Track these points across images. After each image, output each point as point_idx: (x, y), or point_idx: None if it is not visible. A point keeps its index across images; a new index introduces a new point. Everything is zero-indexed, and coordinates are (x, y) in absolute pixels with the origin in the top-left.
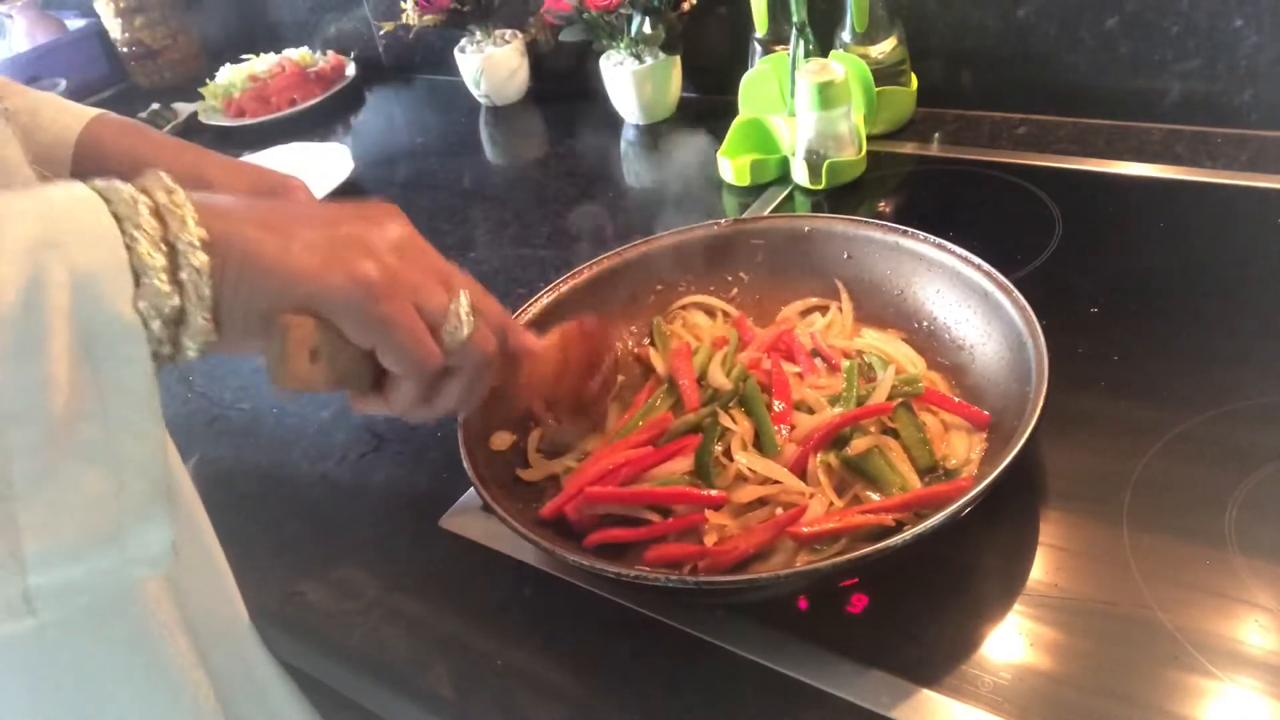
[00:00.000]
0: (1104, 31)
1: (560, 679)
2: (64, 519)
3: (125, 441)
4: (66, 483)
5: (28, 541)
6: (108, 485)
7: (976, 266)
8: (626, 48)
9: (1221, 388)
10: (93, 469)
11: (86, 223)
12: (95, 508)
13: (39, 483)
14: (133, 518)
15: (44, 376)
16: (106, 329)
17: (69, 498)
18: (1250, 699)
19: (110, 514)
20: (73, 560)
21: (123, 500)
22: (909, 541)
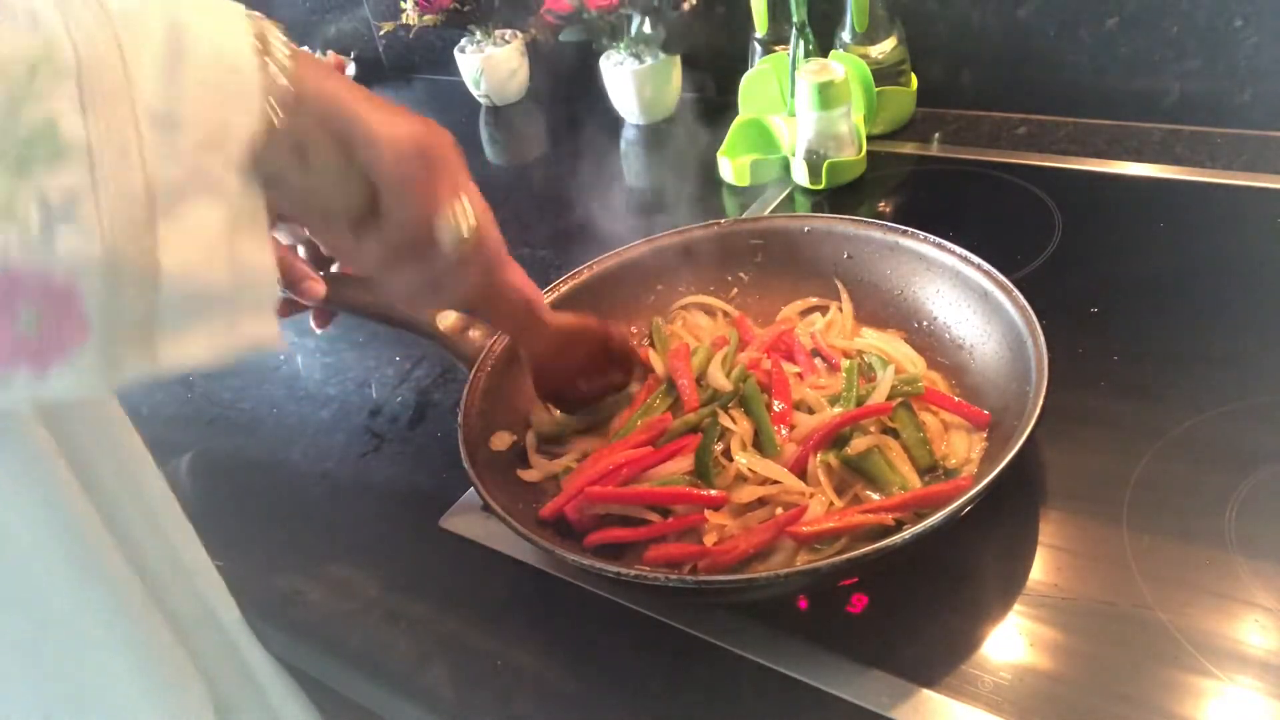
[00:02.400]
0: (1104, 31)
1: (560, 679)
2: (191, 241)
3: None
4: (194, 207)
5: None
6: (222, 221)
7: (976, 266)
8: (626, 48)
9: (1221, 388)
10: (210, 201)
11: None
12: (212, 237)
13: (173, 201)
14: (242, 248)
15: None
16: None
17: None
18: (1250, 699)
19: (223, 248)
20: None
21: (234, 233)
22: (909, 541)
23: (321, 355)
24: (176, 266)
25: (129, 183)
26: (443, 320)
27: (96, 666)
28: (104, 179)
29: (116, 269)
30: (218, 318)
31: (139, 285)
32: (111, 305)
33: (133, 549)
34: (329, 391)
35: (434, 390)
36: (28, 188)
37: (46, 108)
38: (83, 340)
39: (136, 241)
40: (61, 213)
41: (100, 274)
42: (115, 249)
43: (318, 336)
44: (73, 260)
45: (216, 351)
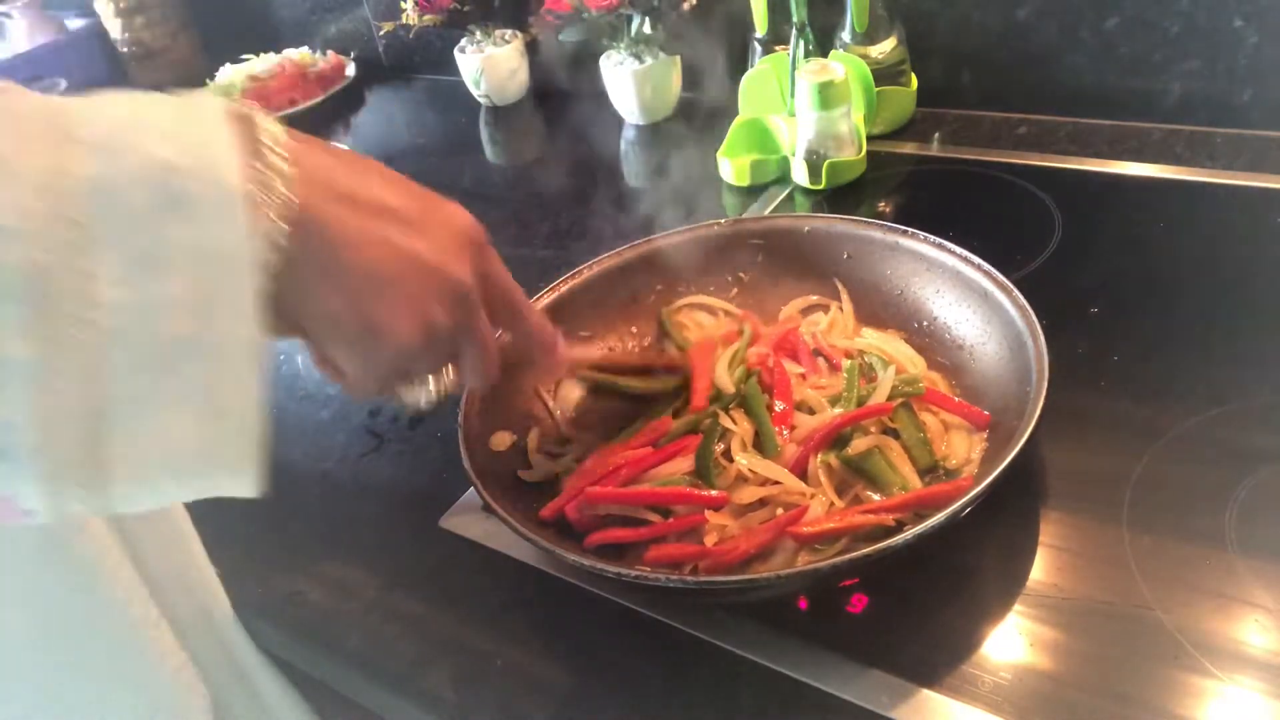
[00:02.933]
0: (1104, 31)
1: (561, 679)
2: (150, 457)
3: (220, 393)
4: (158, 421)
5: (116, 470)
6: (195, 433)
7: (976, 266)
8: (626, 48)
9: (1221, 388)
10: (184, 412)
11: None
12: (181, 452)
13: (133, 415)
14: (219, 469)
15: (162, 297)
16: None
17: (158, 437)
18: (1250, 699)
19: (195, 462)
20: (152, 495)
21: (210, 453)
22: (909, 541)
23: None
24: (131, 476)
25: (77, 406)
26: None
27: (94, 668)
28: (45, 406)
29: (58, 490)
30: (186, 488)
31: (86, 497)
32: (55, 509)
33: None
34: (329, 391)
35: None
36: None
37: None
38: (27, 519)
39: (83, 463)
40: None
41: (40, 494)
42: (56, 474)
43: None
44: (8, 485)
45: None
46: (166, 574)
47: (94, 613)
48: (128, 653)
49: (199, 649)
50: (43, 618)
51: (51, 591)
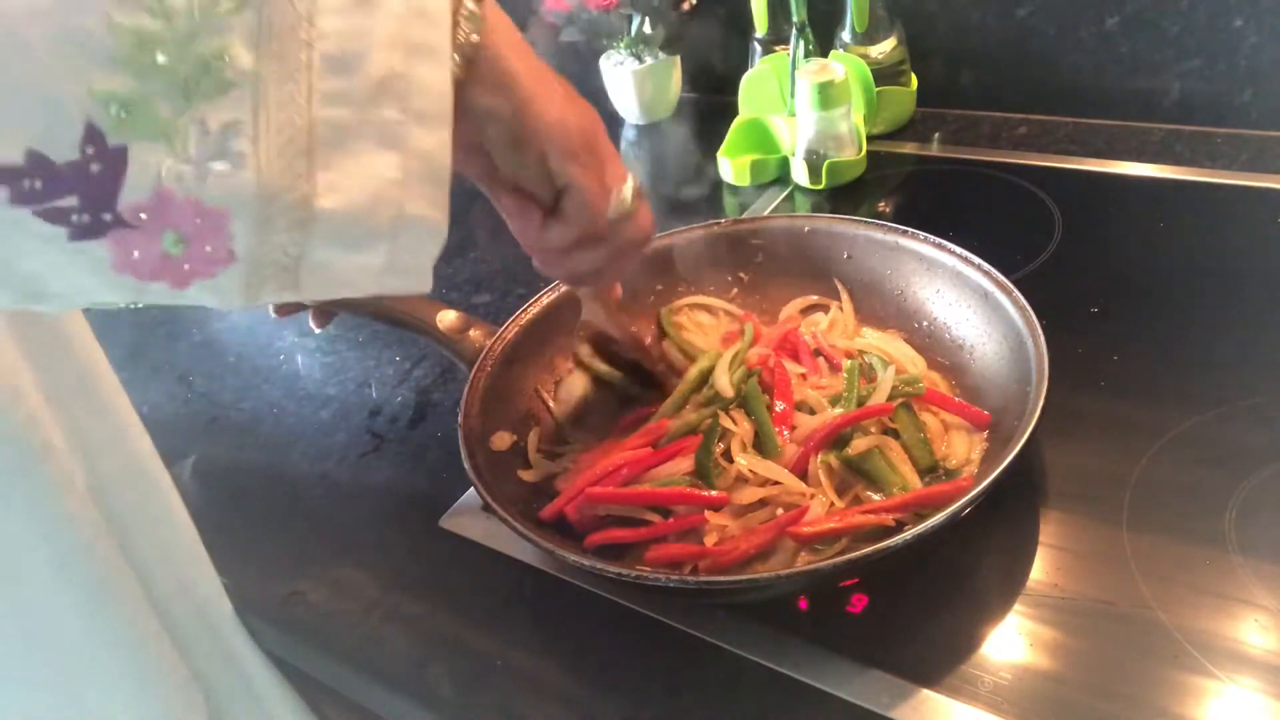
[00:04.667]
0: (1104, 31)
1: (560, 679)
2: (353, 187)
3: (416, 138)
4: (361, 154)
5: (321, 196)
6: (394, 172)
7: (976, 266)
8: (626, 48)
9: (1221, 388)
10: (385, 151)
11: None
12: (380, 188)
13: (340, 142)
14: (411, 213)
15: (373, 33)
16: (425, 15)
17: (360, 169)
18: (1250, 699)
19: (392, 201)
20: (350, 238)
21: (405, 192)
22: (909, 541)
23: (321, 355)
24: (334, 211)
25: (292, 123)
26: (442, 320)
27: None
28: (266, 117)
29: (269, 206)
30: (370, 264)
31: (291, 225)
32: (260, 239)
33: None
34: (329, 391)
35: (434, 390)
36: (189, 115)
37: (222, 39)
38: (226, 266)
39: (293, 183)
40: (218, 145)
41: (251, 209)
42: (269, 187)
43: (318, 336)
44: (224, 191)
45: (359, 293)
46: (171, 584)
47: (97, 629)
48: (129, 668)
49: (200, 655)
50: (45, 634)
51: (55, 610)
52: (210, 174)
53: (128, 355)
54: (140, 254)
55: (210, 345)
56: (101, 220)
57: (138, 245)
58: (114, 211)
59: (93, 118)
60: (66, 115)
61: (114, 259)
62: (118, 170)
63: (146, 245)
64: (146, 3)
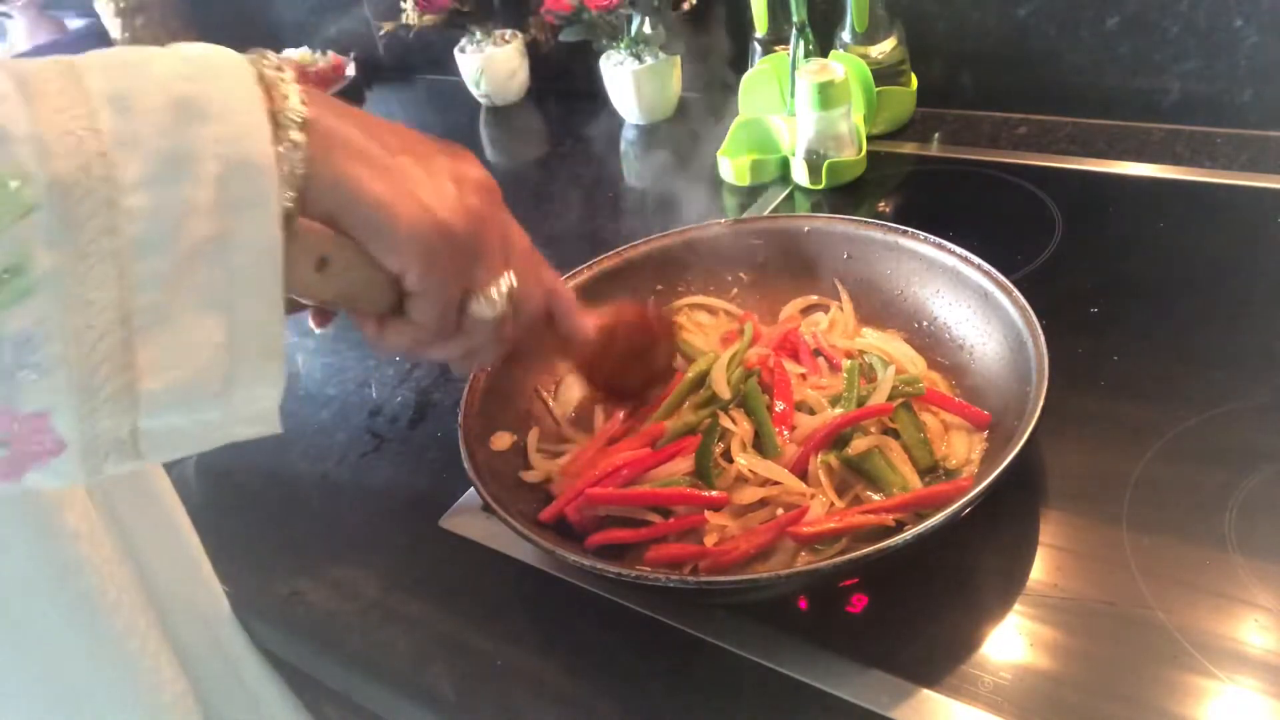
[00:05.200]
0: (1104, 31)
1: (560, 679)
2: (177, 361)
3: (244, 296)
4: (184, 325)
5: (143, 379)
6: (221, 336)
7: (976, 266)
8: (626, 48)
9: (1221, 388)
10: (209, 316)
11: (228, 68)
12: (208, 356)
13: (159, 321)
14: (243, 373)
15: (186, 202)
16: (245, 167)
17: (184, 341)
18: (1250, 699)
19: (221, 366)
20: (181, 407)
21: (234, 354)
22: (909, 541)
23: (321, 355)
24: (158, 390)
25: (104, 317)
26: None
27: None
28: (74, 316)
29: (88, 401)
30: (209, 421)
31: (116, 411)
32: (86, 428)
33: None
34: (329, 391)
35: (434, 390)
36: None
37: (15, 246)
38: (57, 454)
39: (111, 374)
40: (25, 353)
41: (70, 406)
42: (86, 386)
43: (317, 336)
44: (37, 397)
45: (208, 447)
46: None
47: (92, 646)
48: (123, 682)
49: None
50: (40, 650)
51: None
52: (20, 385)
53: None
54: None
55: None
56: None
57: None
58: None
59: None
60: None
61: None
62: None
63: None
64: None
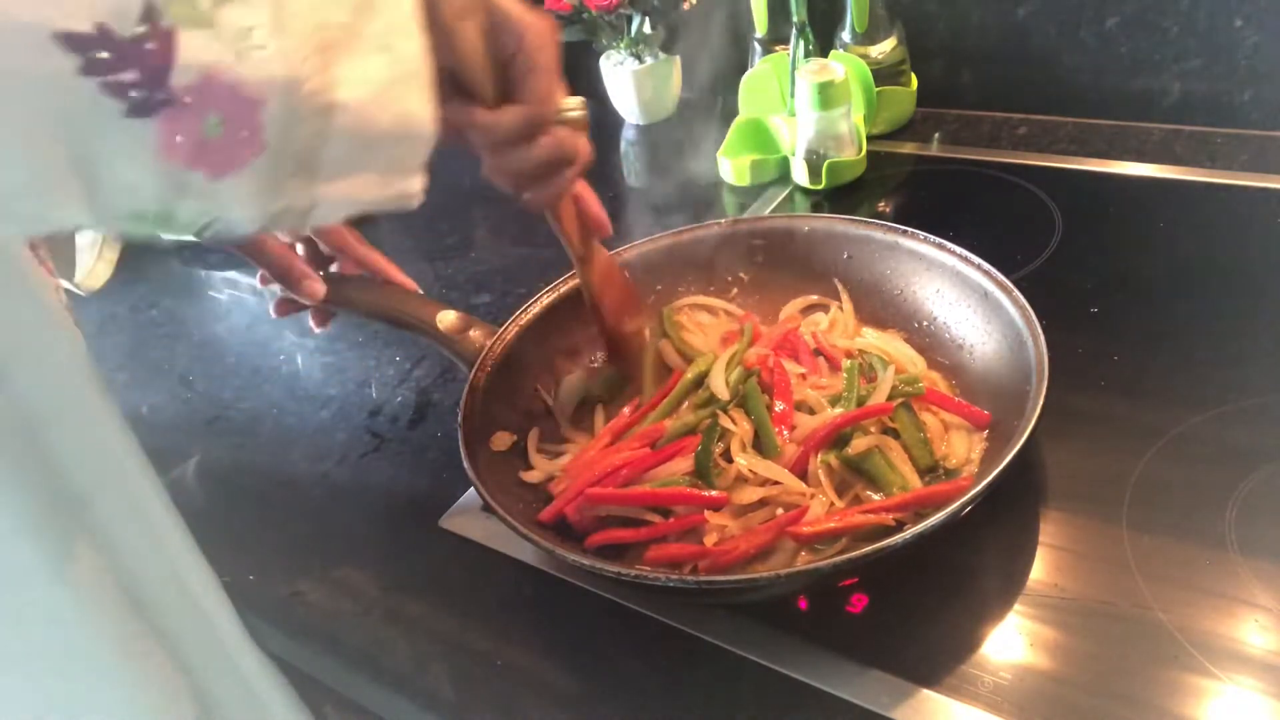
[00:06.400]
0: (1104, 31)
1: (560, 679)
2: (360, 81)
3: (399, 39)
4: (360, 55)
5: (337, 87)
6: (387, 71)
7: (976, 266)
8: (626, 48)
9: (1221, 388)
10: (378, 56)
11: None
12: (380, 84)
13: (346, 42)
14: (408, 102)
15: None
16: None
17: (363, 68)
18: (1250, 699)
19: (391, 94)
20: (360, 139)
21: (399, 86)
22: (909, 541)
23: (321, 355)
24: (348, 103)
25: (306, 23)
26: (443, 320)
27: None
28: (286, 15)
29: (294, 94)
30: (375, 165)
31: (313, 113)
32: (288, 125)
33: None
34: (329, 391)
35: (434, 390)
36: (225, 9)
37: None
38: (257, 154)
39: (312, 73)
40: (253, 34)
41: (282, 94)
42: (294, 75)
43: (317, 336)
44: (259, 76)
45: (366, 198)
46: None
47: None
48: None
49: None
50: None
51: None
52: (248, 60)
53: (128, 355)
54: (184, 137)
55: (210, 345)
56: (155, 98)
57: (183, 127)
58: (166, 89)
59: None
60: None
61: (161, 140)
62: (170, 50)
63: (191, 126)
64: None
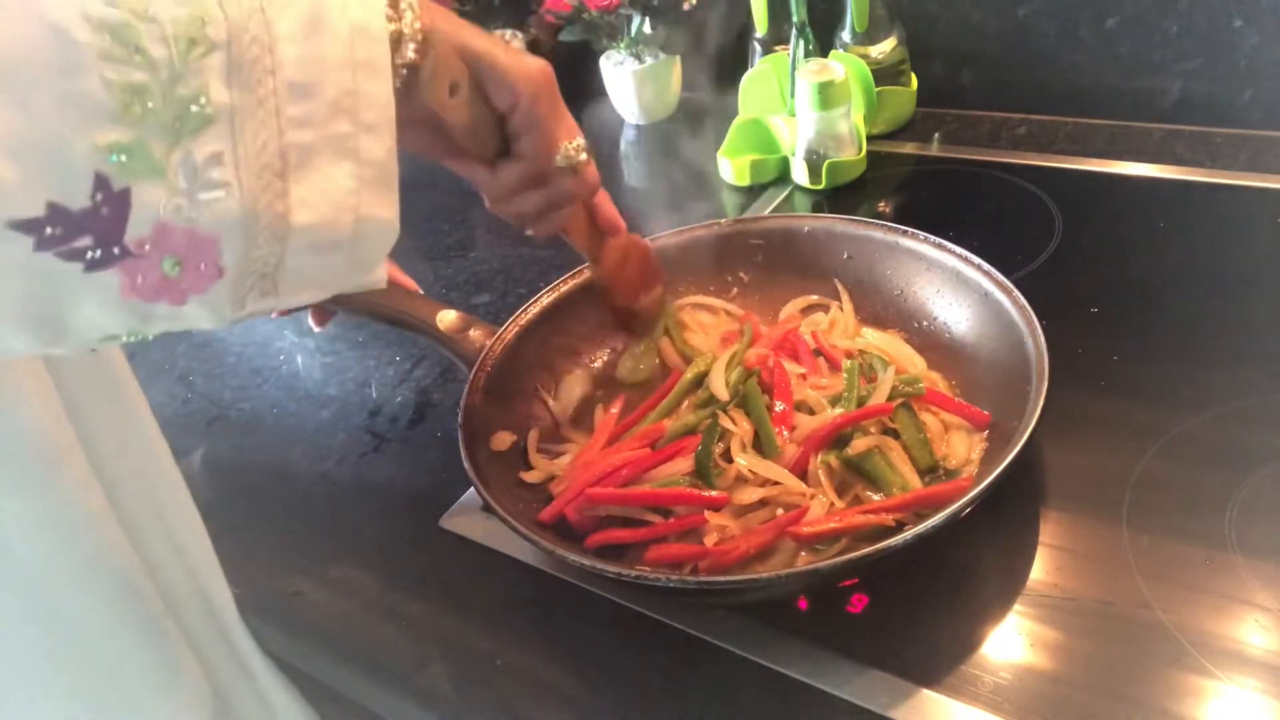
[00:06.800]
0: (1104, 31)
1: (560, 679)
2: (320, 199)
3: (366, 142)
4: (323, 170)
5: (294, 212)
6: (351, 181)
7: (976, 266)
8: (626, 48)
9: (1221, 388)
10: (342, 163)
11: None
12: (342, 195)
13: (306, 162)
14: (368, 208)
15: (325, 58)
16: (367, 32)
17: (324, 183)
18: (1250, 699)
19: (351, 203)
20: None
21: (361, 194)
22: (909, 541)
23: (321, 355)
24: (305, 225)
25: (266, 148)
26: (443, 320)
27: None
28: (244, 145)
29: (252, 226)
30: (337, 265)
31: (270, 238)
32: (244, 253)
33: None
34: (329, 391)
35: (434, 390)
36: (179, 151)
37: (200, 80)
38: (216, 280)
39: (270, 201)
40: (206, 176)
41: (237, 230)
42: (251, 210)
43: (317, 336)
44: (214, 217)
45: (327, 293)
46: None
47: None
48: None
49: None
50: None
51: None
52: (201, 204)
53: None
54: (144, 279)
55: (210, 345)
56: (111, 253)
57: (142, 271)
58: (121, 245)
59: (99, 167)
60: (78, 169)
61: (122, 284)
62: (124, 210)
63: (149, 270)
64: (133, 59)
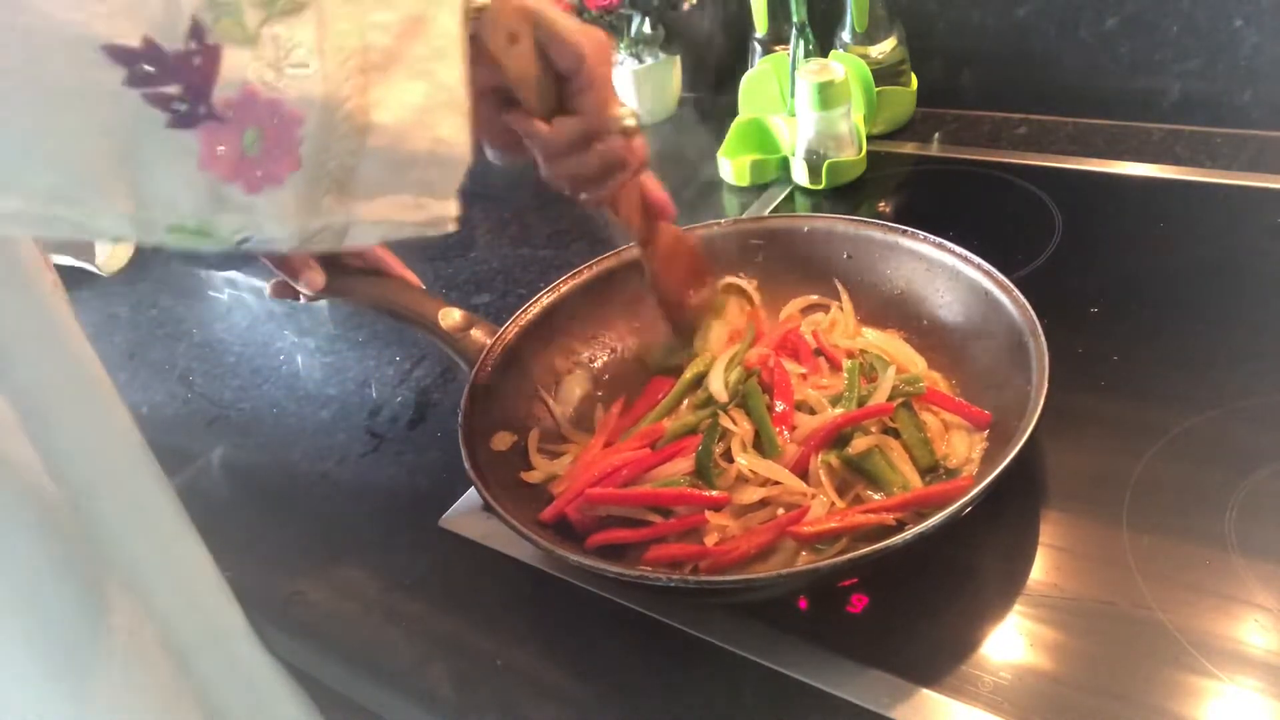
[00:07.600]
0: (1104, 31)
1: (560, 679)
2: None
3: (439, 66)
4: (400, 83)
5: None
6: (424, 99)
7: (977, 266)
8: (626, 48)
9: (1221, 388)
10: (417, 82)
11: None
12: (417, 110)
13: (385, 66)
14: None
15: None
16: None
17: (401, 94)
18: (1250, 699)
19: (428, 120)
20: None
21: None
22: (909, 541)
23: (321, 355)
24: (385, 125)
25: (348, 44)
26: (445, 318)
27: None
28: (329, 38)
29: (333, 112)
30: (409, 187)
31: (350, 132)
32: (324, 143)
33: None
34: (329, 391)
35: (434, 390)
36: (269, 27)
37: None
38: (292, 170)
39: (353, 94)
40: (294, 53)
41: (320, 112)
42: (334, 94)
43: (318, 336)
44: (299, 93)
45: (400, 220)
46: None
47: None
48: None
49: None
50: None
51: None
52: (288, 76)
53: (128, 355)
54: (224, 150)
55: (210, 345)
56: (196, 111)
57: (223, 140)
58: (208, 103)
59: (198, 14)
60: (178, 8)
61: (201, 152)
62: (214, 64)
63: (230, 140)
64: None
